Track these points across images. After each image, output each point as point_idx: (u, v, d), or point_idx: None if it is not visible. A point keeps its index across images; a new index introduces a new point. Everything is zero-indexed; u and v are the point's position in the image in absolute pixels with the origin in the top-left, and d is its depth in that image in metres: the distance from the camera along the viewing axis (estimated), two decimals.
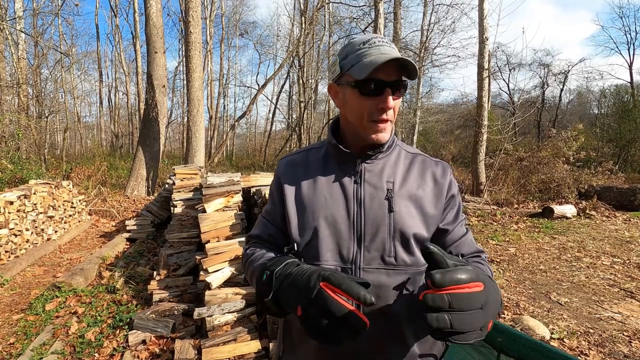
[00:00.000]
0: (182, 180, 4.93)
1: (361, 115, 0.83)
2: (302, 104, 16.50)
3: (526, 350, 1.28)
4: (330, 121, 0.97)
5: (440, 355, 0.89)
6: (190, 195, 4.59)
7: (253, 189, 4.04)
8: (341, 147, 0.88)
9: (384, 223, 0.83)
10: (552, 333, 2.86)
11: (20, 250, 4.64)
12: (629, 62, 20.25)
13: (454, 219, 0.90)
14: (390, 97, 0.79)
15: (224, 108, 26.22)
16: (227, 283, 2.90)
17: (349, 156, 0.88)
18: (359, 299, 0.60)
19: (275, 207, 0.95)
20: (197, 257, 3.15)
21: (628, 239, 5.65)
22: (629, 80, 19.79)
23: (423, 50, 11.91)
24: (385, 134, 0.84)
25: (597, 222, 6.99)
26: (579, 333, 2.89)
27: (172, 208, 4.51)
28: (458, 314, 0.60)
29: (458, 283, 0.61)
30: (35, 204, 5.06)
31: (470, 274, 0.63)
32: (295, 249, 0.84)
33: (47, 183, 5.71)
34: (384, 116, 0.81)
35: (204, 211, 3.53)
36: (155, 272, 3.53)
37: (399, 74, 0.81)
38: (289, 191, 0.91)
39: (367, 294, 0.61)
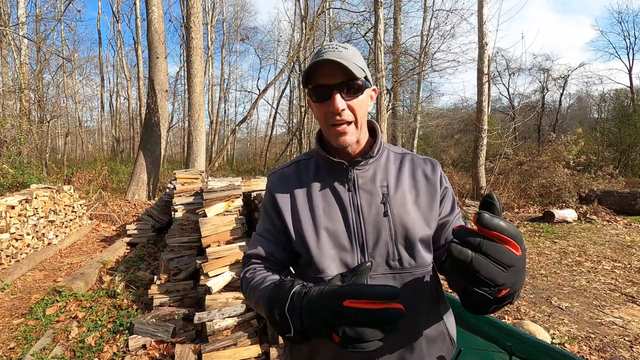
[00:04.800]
0: (182, 185, 4.94)
1: (321, 121, 0.85)
2: (303, 109, 16.54)
3: (536, 352, 1.28)
4: (317, 131, 0.96)
5: (453, 359, 0.89)
6: (191, 199, 4.60)
7: (254, 194, 4.05)
8: (330, 157, 0.86)
9: (385, 228, 0.82)
10: (553, 338, 2.86)
11: (21, 254, 4.64)
12: (628, 66, 20.36)
13: (450, 210, 0.90)
14: (339, 99, 0.79)
15: (225, 113, 26.35)
16: (228, 287, 2.90)
17: (339, 164, 0.87)
18: (385, 298, 0.58)
19: (273, 222, 0.91)
20: (197, 261, 3.16)
21: (629, 244, 5.63)
22: (629, 85, 19.86)
23: (423, 55, 11.97)
24: (347, 137, 0.83)
25: (598, 226, 6.98)
26: (580, 338, 2.88)
27: (172, 212, 4.52)
28: (482, 257, 0.56)
29: (501, 232, 0.56)
30: (36, 209, 5.07)
31: (517, 233, 0.58)
32: (292, 271, 0.81)
33: (49, 187, 5.73)
34: (338, 118, 0.81)
35: (204, 215, 3.53)
36: (155, 277, 3.53)
37: (345, 76, 0.79)
38: (285, 205, 0.89)
39: (387, 288, 0.58)
